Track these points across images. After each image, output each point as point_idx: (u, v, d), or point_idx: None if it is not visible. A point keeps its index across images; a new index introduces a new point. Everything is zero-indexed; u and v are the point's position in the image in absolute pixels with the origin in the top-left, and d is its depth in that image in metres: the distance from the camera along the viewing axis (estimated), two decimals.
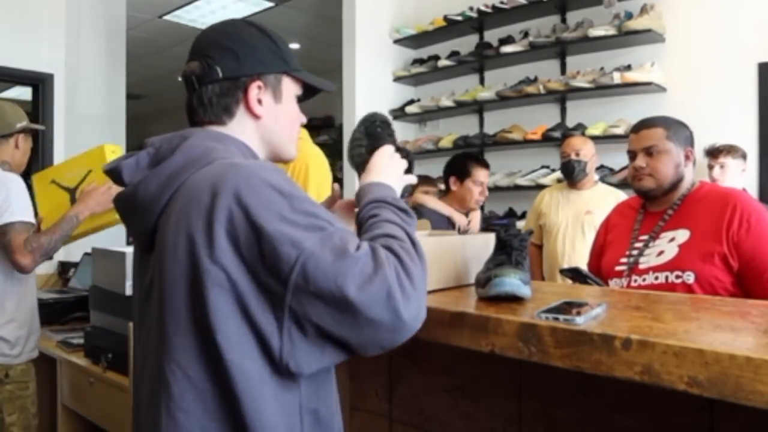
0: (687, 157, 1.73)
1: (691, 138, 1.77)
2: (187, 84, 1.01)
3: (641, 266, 1.69)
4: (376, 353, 0.84)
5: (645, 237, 1.73)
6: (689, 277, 1.58)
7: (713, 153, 3.11)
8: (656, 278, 1.64)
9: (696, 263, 1.59)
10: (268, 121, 1.03)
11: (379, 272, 0.80)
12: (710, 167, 3.10)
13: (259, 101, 1.01)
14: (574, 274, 1.73)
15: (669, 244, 1.66)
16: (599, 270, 1.83)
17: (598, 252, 1.92)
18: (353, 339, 0.81)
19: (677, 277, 1.60)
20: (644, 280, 1.66)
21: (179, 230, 0.84)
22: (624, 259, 1.75)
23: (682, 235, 1.65)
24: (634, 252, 1.73)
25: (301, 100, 1.11)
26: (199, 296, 0.81)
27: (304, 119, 1.11)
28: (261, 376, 0.82)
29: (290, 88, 1.06)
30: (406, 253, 0.85)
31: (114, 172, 0.96)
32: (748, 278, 1.57)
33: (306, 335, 0.80)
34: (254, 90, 1.00)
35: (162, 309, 0.86)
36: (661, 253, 1.66)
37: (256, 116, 1.01)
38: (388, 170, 1.08)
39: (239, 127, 1.01)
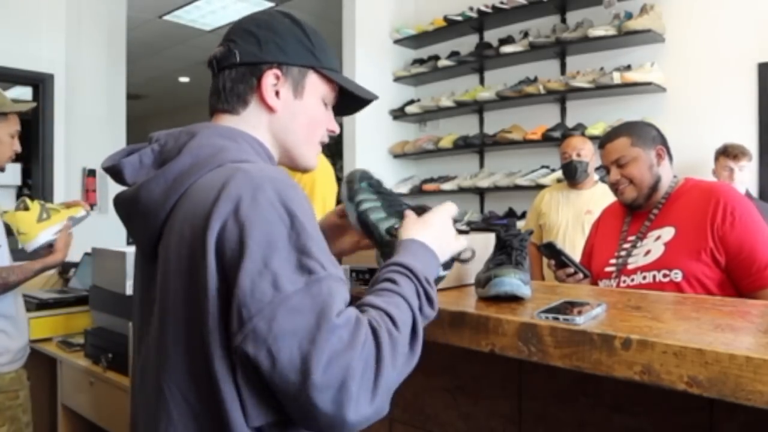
0: (659, 156, 1.72)
1: (659, 136, 1.75)
2: (211, 69, 0.95)
3: (629, 266, 1.68)
4: None
5: (632, 237, 1.73)
6: (677, 276, 1.57)
7: (736, 155, 3.00)
8: (644, 278, 1.62)
9: (682, 261, 1.57)
10: (284, 117, 0.94)
11: (347, 353, 0.69)
12: (728, 169, 2.99)
13: (276, 93, 0.93)
14: (550, 251, 1.76)
15: (655, 242, 1.65)
16: (590, 271, 1.83)
17: (588, 253, 1.92)
18: (288, 408, 0.72)
19: (665, 275, 1.59)
20: (632, 280, 1.65)
21: (183, 241, 0.78)
22: (613, 260, 1.75)
23: (668, 232, 1.64)
24: (623, 253, 1.73)
25: (338, 113, 1.02)
26: (197, 318, 0.75)
27: (336, 127, 1.01)
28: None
29: (317, 87, 0.97)
30: (390, 348, 0.73)
31: (114, 171, 0.88)
32: (736, 272, 1.55)
33: (248, 381, 0.74)
34: (270, 78, 0.92)
35: (163, 327, 0.80)
36: (648, 252, 1.65)
37: (270, 108, 0.93)
38: (442, 237, 0.96)
39: (252, 119, 0.93)
